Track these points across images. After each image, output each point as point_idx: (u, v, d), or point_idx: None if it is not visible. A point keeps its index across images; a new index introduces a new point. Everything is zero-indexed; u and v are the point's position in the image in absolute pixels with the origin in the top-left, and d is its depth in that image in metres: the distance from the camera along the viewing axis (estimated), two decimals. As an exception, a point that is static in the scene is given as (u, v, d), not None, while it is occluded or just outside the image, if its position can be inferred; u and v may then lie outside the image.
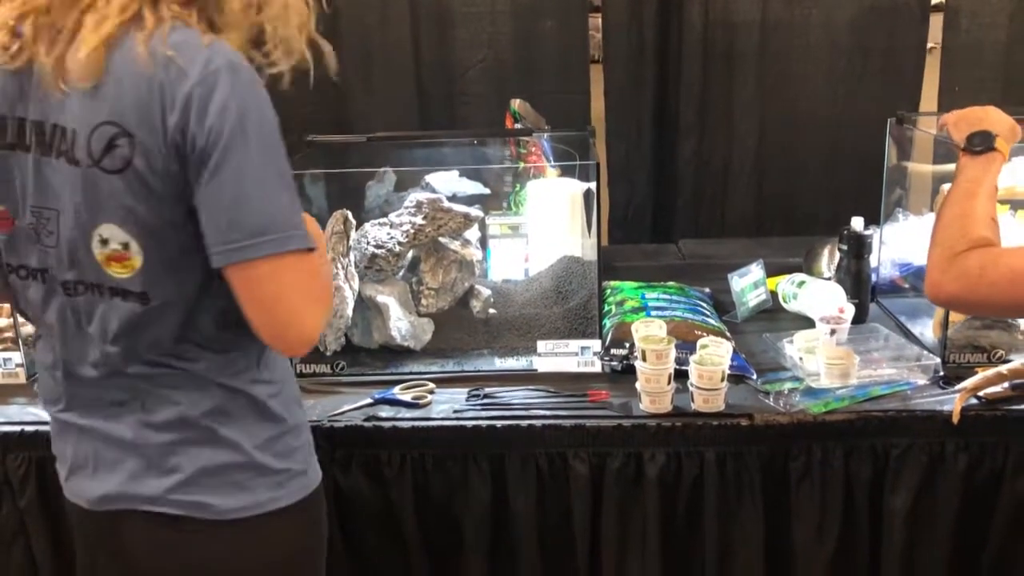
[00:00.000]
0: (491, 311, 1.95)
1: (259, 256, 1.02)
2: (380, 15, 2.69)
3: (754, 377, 1.69)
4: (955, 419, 1.52)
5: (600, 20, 2.74)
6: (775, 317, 2.02)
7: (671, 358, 1.58)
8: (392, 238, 1.85)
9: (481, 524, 1.60)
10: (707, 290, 2.10)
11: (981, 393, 1.57)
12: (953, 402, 1.54)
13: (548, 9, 2.69)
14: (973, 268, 1.25)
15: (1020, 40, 2.67)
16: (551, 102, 2.66)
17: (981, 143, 1.43)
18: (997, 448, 1.55)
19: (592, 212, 1.92)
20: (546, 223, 2.08)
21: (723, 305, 2.05)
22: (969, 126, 1.48)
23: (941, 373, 1.64)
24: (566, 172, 2.17)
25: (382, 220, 1.89)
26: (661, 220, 2.87)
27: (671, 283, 2.06)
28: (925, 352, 1.71)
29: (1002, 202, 2.03)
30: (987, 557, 1.59)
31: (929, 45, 2.74)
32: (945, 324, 1.69)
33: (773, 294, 2.07)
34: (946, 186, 1.74)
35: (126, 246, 1.05)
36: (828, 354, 1.62)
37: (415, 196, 1.89)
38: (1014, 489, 1.55)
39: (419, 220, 1.86)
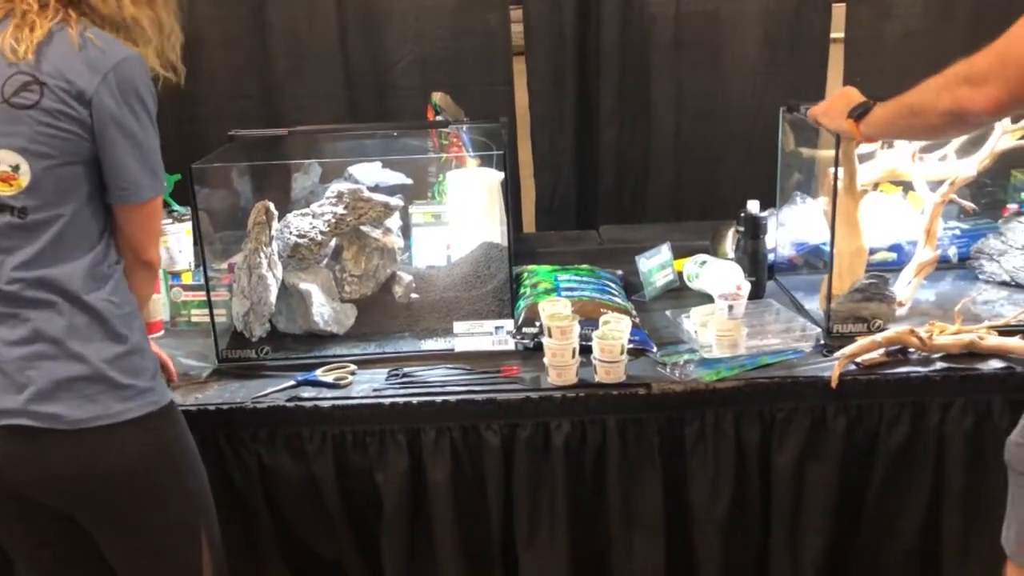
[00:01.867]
0: (413, 296, 2.04)
1: (142, 200, 1.39)
2: (307, 9, 2.75)
3: (654, 350, 1.81)
4: (834, 383, 1.65)
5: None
6: (681, 295, 2.14)
7: (575, 334, 1.69)
8: (314, 228, 1.94)
9: (400, 495, 1.70)
10: (619, 272, 2.22)
11: (858, 359, 1.71)
12: (833, 368, 1.68)
13: (472, 3, 2.77)
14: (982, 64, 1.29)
15: (919, 31, 2.81)
16: (477, 94, 2.76)
17: (861, 108, 1.59)
18: (872, 409, 1.69)
19: (507, 200, 2.02)
20: (466, 211, 2.18)
21: (635, 285, 2.17)
22: (845, 106, 1.63)
23: (822, 342, 1.78)
24: (485, 162, 2.27)
25: (304, 211, 1.98)
26: (585, 207, 2.98)
27: (584, 266, 2.17)
28: (809, 324, 1.84)
29: (895, 183, 2.19)
30: (867, 506, 1.74)
31: (834, 36, 2.88)
32: (829, 297, 1.83)
33: (680, 274, 2.19)
34: (831, 169, 1.88)
35: (16, 168, 1.30)
36: (718, 327, 1.75)
37: (336, 187, 1.98)
38: (888, 446, 1.69)
39: (340, 210, 1.95)
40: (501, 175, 2.16)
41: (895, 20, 2.80)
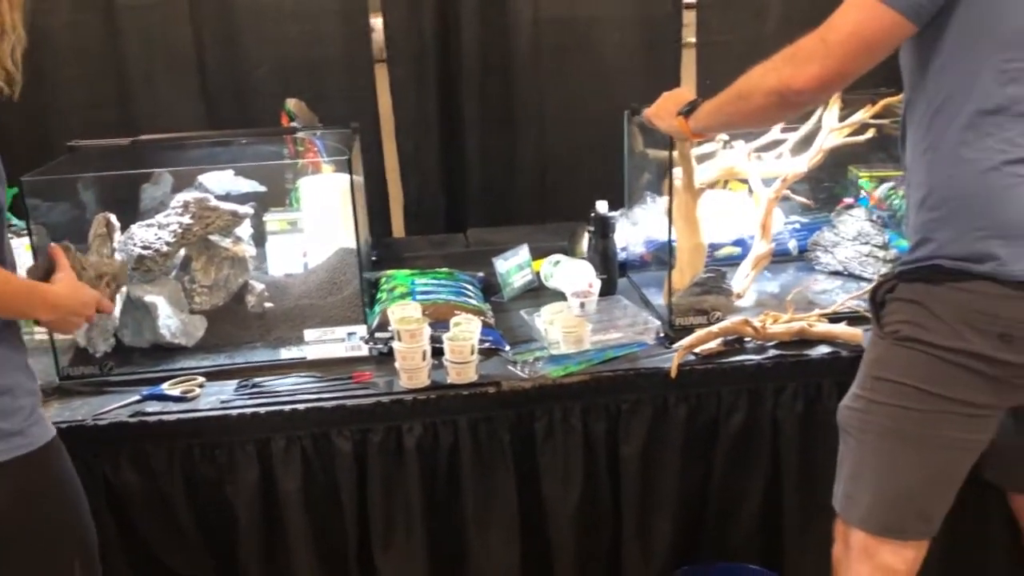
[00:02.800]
0: (267, 305, 2.02)
1: None
2: (161, 15, 2.68)
3: (507, 349, 1.84)
4: (673, 374, 1.72)
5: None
6: (539, 295, 2.19)
7: (425, 336, 1.70)
8: (159, 239, 1.90)
9: (252, 506, 1.68)
10: (480, 274, 2.25)
11: (697, 350, 1.78)
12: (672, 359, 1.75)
13: (331, 9, 2.76)
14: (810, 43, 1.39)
15: (768, 36, 2.94)
16: (340, 100, 2.76)
17: (689, 105, 1.68)
18: (711, 397, 1.77)
19: (357, 205, 2.02)
20: (320, 218, 2.17)
21: (496, 287, 2.20)
22: (675, 105, 1.71)
23: (662, 334, 1.85)
24: (341, 168, 2.26)
25: (149, 221, 1.93)
26: (453, 211, 3.00)
27: (443, 269, 2.19)
28: (652, 318, 1.91)
29: (742, 181, 2.28)
30: (712, 490, 1.81)
31: (688, 40, 2.99)
32: (669, 292, 1.90)
33: (538, 275, 2.24)
34: (678, 170, 1.96)
35: None
36: (564, 324, 1.80)
37: (181, 196, 1.94)
38: (727, 431, 1.77)
39: (186, 220, 1.92)
40: (358, 180, 2.16)
41: (744, 26, 2.92)
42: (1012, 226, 1.33)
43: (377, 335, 1.85)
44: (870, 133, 2.02)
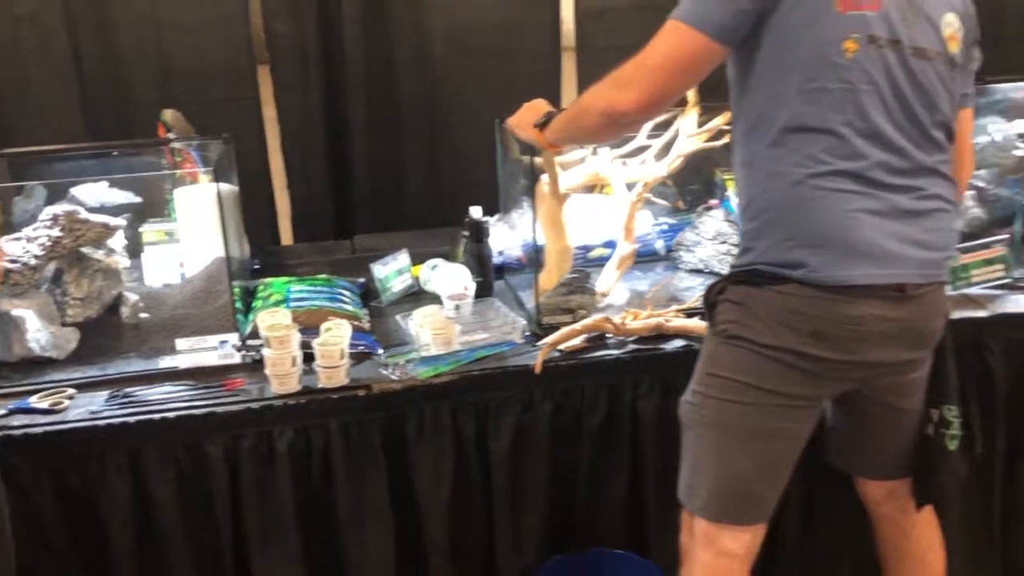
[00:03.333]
0: (142, 315, 2.03)
1: None
2: (37, 24, 2.64)
3: (380, 352, 1.90)
4: (537, 370, 1.80)
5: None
6: (419, 299, 2.23)
7: (294, 342, 1.74)
8: (28, 252, 1.89)
9: (125, 518, 1.70)
10: (361, 280, 2.29)
11: (561, 347, 1.87)
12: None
13: (211, 16, 2.75)
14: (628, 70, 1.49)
15: (645, 41, 3.05)
16: (224, 108, 2.76)
17: (545, 117, 1.75)
18: (575, 391, 1.85)
19: (231, 214, 2.05)
20: (196, 227, 2.18)
21: (376, 292, 2.25)
22: (533, 117, 1.79)
23: (528, 333, 1.93)
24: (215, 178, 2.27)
25: (17, 235, 1.92)
26: (342, 217, 3.03)
27: (321, 276, 2.23)
28: (519, 317, 1.99)
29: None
30: (579, 481, 1.90)
31: (567, 46, 3.08)
32: (537, 293, 1.98)
33: (418, 279, 2.29)
34: (545, 177, 2.04)
35: None
36: (433, 326, 1.86)
37: (51, 209, 1.93)
38: (591, 424, 1.86)
39: (56, 232, 1.91)
40: (233, 189, 2.19)
41: (622, 32, 3.02)
42: (818, 236, 1.44)
43: (249, 342, 1.88)
44: (726, 139, 2.13)
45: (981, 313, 1.99)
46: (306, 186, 2.96)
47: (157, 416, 1.68)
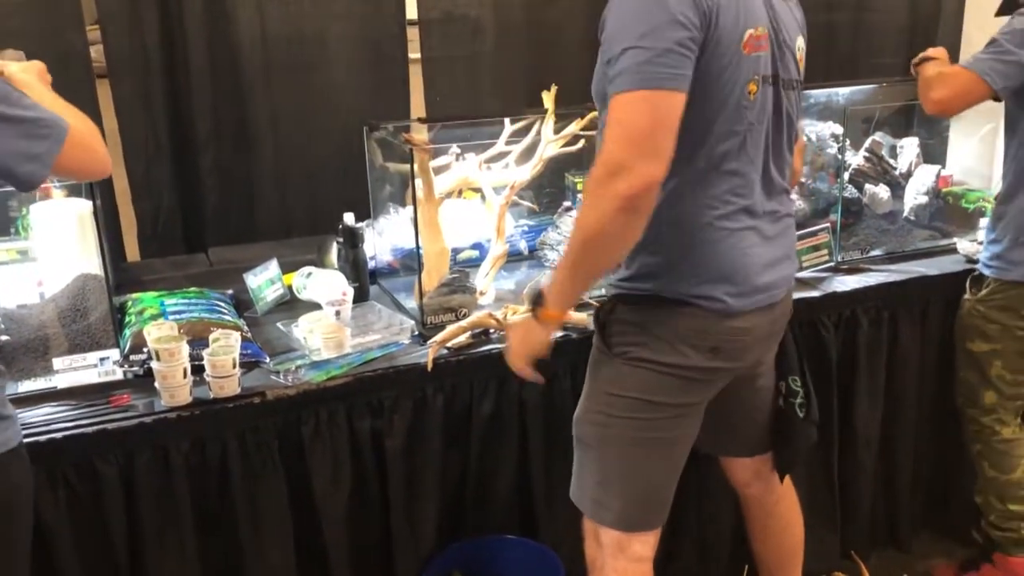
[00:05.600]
0: (3, 338, 1.92)
1: None
2: None
3: (268, 361, 1.90)
4: (429, 367, 1.88)
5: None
6: (293, 307, 2.25)
7: (183, 354, 1.73)
8: None
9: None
10: (230, 291, 2.27)
11: (448, 344, 1.95)
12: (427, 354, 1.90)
13: (41, 26, 2.62)
14: None
15: (485, 52, 3.18)
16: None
17: (537, 301, 1.59)
18: (464, 385, 1.94)
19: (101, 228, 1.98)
20: (55, 244, 2.09)
21: (247, 303, 2.24)
22: (528, 338, 1.66)
23: (416, 333, 2.00)
24: (72, 192, 2.19)
25: None
26: (192, 230, 2.95)
27: (192, 289, 2.19)
28: (406, 319, 2.06)
29: (473, 190, 2.48)
30: (470, 470, 1.99)
31: (413, 56, 3.16)
32: (420, 294, 2.05)
33: (290, 288, 2.30)
34: (419, 182, 2.11)
35: None
36: (324, 331, 1.89)
37: None
38: (480, 415, 1.96)
39: (-97, 254, 1.78)
40: (90, 204, 2.11)
41: (463, 43, 3.14)
42: (723, 275, 1.55)
43: (132, 358, 1.83)
44: (580, 143, 2.29)
45: (814, 293, 2.25)
46: (152, 200, 2.87)
47: (44, 438, 1.62)
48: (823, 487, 2.35)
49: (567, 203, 2.64)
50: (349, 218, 2.24)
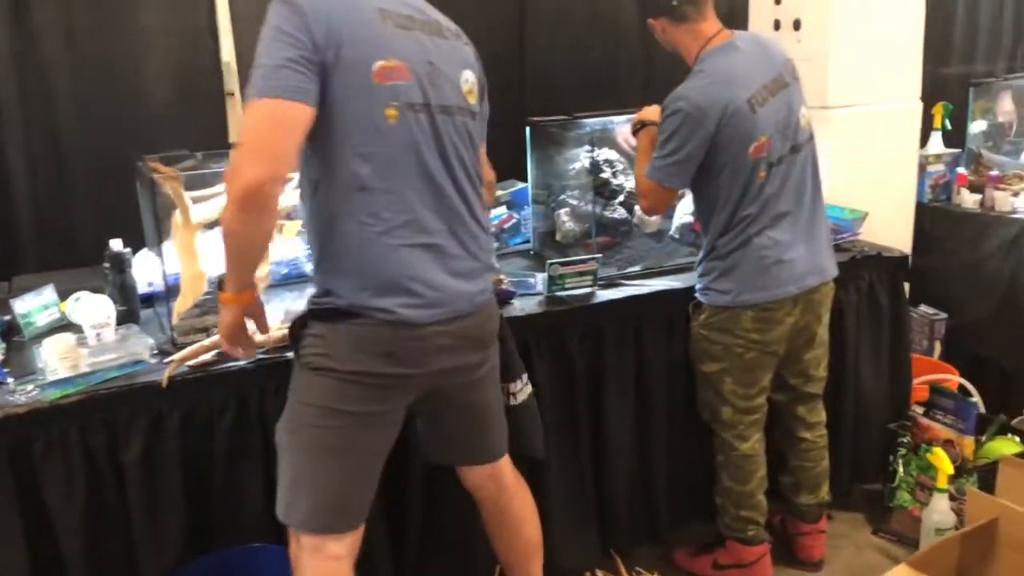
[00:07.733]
0: None
1: None
2: None
3: (9, 382, 1.98)
4: (164, 384, 1.97)
5: None
6: (69, 331, 2.32)
7: (-91, 376, 1.79)
8: None
9: None
10: (7, 317, 2.33)
11: (190, 362, 2.04)
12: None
13: None
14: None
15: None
16: None
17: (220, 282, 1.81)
18: (204, 402, 2.03)
19: None
20: None
21: (20, 328, 2.30)
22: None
23: (156, 351, 2.09)
24: None
25: None
26: (2, 259, 2.99)
27: (-45, 315, 2.25)
28: (148, 338, 2.14)
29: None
30: (216, 482, 2.06)
31: (229, 90, 3.25)
32: (169, 314, 2.15)
33: (65, 313, 2.37)
34: (177, 210, 2.20)
35: None
36: (59, 351, 1.97)
37: None
38: (221, 429, 2.04)
39: None
40: None
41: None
42: (389, 286, 1.68)
43: None
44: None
45: (561, 307, 2.40)
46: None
47: None
48: (577, 490, 2.48)
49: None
50: (116, 244, 2.33)
